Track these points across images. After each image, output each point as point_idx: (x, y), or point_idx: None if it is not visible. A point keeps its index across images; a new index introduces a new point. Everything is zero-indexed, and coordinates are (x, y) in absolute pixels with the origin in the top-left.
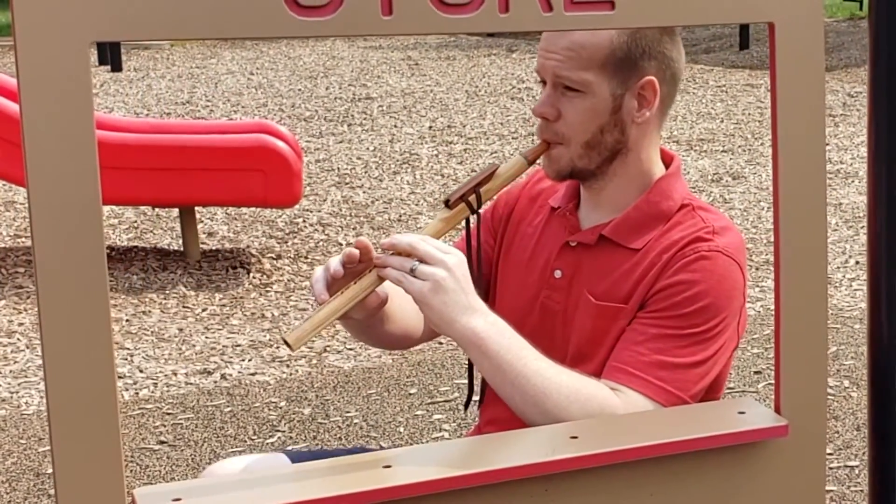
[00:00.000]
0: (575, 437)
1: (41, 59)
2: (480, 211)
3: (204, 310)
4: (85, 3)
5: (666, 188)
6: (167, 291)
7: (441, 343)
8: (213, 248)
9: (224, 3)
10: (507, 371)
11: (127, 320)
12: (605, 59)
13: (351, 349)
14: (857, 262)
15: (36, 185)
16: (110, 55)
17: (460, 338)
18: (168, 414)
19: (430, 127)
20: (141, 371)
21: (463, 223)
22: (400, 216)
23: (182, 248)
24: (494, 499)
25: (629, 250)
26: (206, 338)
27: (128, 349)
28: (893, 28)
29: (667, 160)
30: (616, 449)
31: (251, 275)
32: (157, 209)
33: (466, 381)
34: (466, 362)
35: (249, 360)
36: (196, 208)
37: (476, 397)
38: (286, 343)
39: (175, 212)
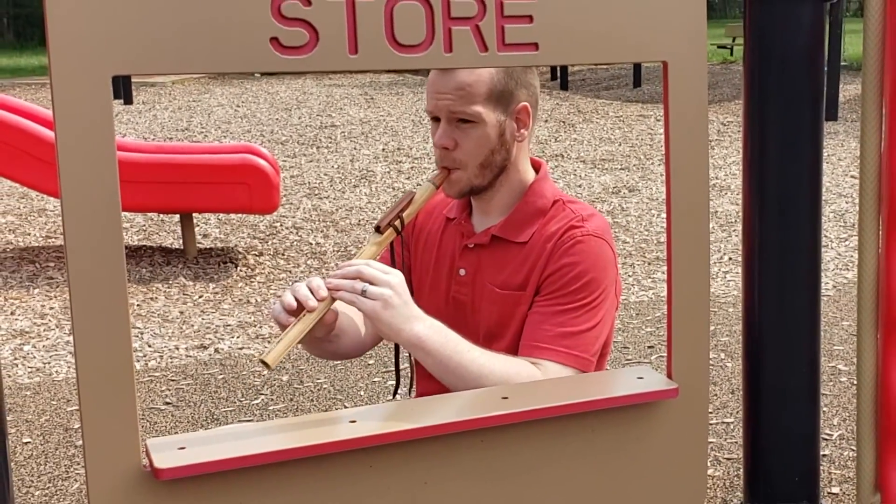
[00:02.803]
0: (505, 398)
1: (72, 91)
2: (403, 233)
3: (200, 296)
4: (106, 45)
5: (539, 189)
6: (170, 282)
7: None
8: (208, 246)
9: (219, 43)
10: (448, 363)
11: (138, 305)
12: (489, 92)
13: None
14: (730, 259)
15: (68, 194)
16: (123, 91)
17: (406, 343)
18: (172, 380)
19: (384, 149)
20: (149, 346)
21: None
22: (359, 221)
23: (182, 247)
24: (440, 448)
25: (517, 244)
26: (202, 319)
27: (138, 328)
28: (762, 72)
29: (536, 166)
30: (539, 407)
31: (238, 268)
32: (161, 215)
33: (395, 373)
34: (394, 361)
35: (238, 338)
36: (193, 214)
37: (403, 388)
38: (264, 363)
39: (176, 217)
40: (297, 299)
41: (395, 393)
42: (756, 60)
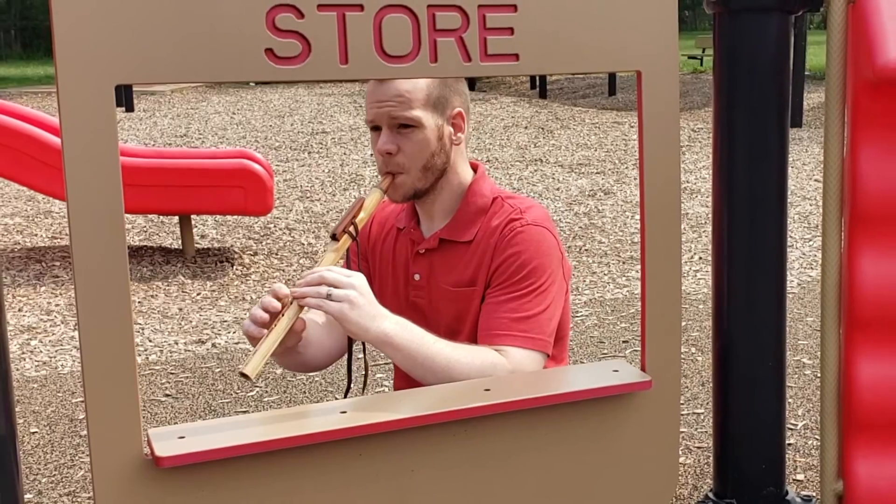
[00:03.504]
0: (488, 390)
1: (77, 99)
2: (357, 238)
3: (198, 294)
4: (110, 56)
5: (478, 189)
6: (169, 280)
7: None
8: (205, 246)
9: (217, 54)
10: (416, 357)
11: (139, 302)
12: (426, 98)
13: None
14: (700, 258)
15: (74, 197)
16: (125, 99)
17: (374, 340)
18: (171, 374)
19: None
20: (150, 341)
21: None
22: None
23: (181, 247)
24: (426, 437)
25: (464, 244)
26: (200, 315)
27: (140, 324)
28: (730, 82)
29: (473, 167)
30: (520, 399)
31: (234, 267)
32: (161, 217)
33: (347, 376)
34: (348, 360)
35: (233, 333)
36: (192, 216)
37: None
38: (244, 375)
39: (175, 219)
40: (268, 309)
41: (346, 394)
42: (725, 70)
